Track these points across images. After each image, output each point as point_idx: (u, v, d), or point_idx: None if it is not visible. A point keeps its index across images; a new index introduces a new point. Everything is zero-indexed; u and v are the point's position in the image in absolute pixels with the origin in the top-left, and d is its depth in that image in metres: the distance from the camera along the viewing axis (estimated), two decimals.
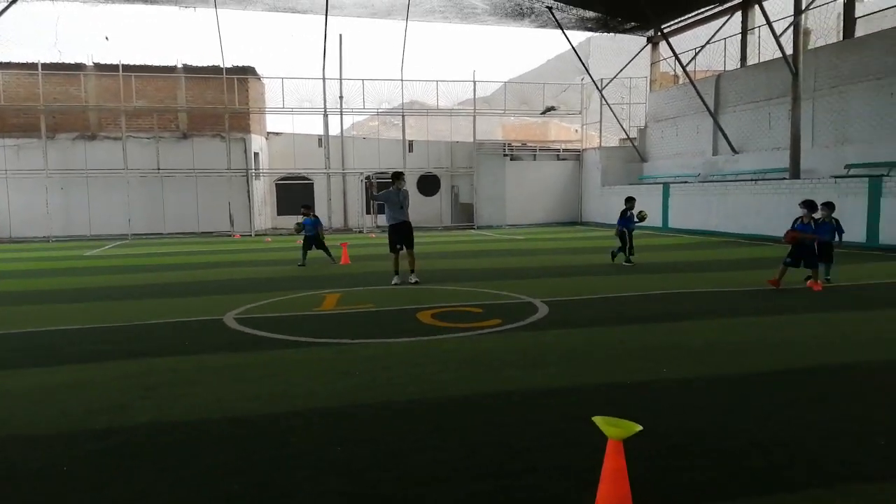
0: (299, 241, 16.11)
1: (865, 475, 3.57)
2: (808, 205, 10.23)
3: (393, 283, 11.56)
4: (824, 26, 20.74)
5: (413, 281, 11.50)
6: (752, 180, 20.85)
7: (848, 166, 18.33)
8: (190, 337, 7.40)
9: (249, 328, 7.79)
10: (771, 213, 19.31)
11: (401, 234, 11.73)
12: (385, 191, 11.83)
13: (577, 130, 39.32)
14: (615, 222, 14.52)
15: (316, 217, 15.53)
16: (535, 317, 8.14)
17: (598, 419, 3.02)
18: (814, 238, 10.16)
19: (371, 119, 34.78)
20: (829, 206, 10.74)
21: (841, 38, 20.37)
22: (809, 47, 20.26)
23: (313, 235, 15.09)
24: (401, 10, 27.87)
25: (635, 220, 14.15)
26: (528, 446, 4.03)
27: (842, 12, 20.10)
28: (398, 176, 11.79)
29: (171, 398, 5.11)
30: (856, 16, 19.76)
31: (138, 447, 4.13)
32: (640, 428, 2.95)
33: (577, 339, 6.92)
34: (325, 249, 15.24)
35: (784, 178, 19.72)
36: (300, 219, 15.51)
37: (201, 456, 3.97)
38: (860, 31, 19.82)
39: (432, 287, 11.05)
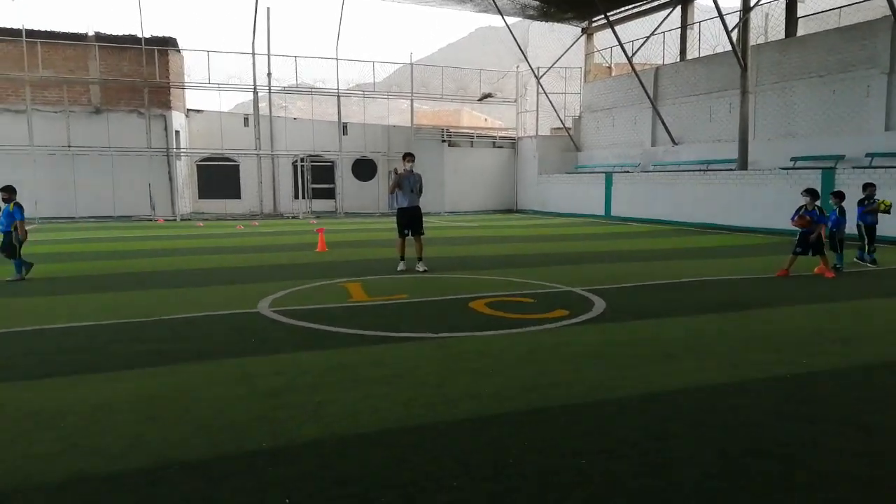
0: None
1: None
2: (812, 193, 10.52)
3: (398, 269, 10.99)
4: (765, 25, 21.71)
5: (421, 269, 10.89)
6: (700, 170, 21.59)
7: (794, 159, 19.32)
8: (246, 333, 6.53)
9: (303, 321, 7.01)
10: (721, 202, 20.07)
11: (410, 218, 11.13)
12: (398, 174, 11.14)
13: (486, 119, 39.52)
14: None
15: (18, 206, 10.30)
16: (599, 307, 7.84)
17: None
18: (819, 226, 10.43)
19: (302, 99, 33.19)
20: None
21: (782, 37, 21.40)
22: (751, 44, 21.15)
23: (5, 233, 10.27)
24: None
25: (876, 210, 11.56)
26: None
27: (783, 11, 21.08)
28: (406, 156, 11.13)
29: (310, 407, 4.37)
30: (798, 16, 20.81)
31: (358, 471, 3.44)
32: None
33: (675, 330, 6.68)
34: (14, 252, 10.22)
35: (731, 170, 20.52)
36: None
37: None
38: (801, 30, 20.91)
39: (447, 276, 10.52)
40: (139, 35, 26.26)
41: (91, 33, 26.05)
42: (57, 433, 3.95)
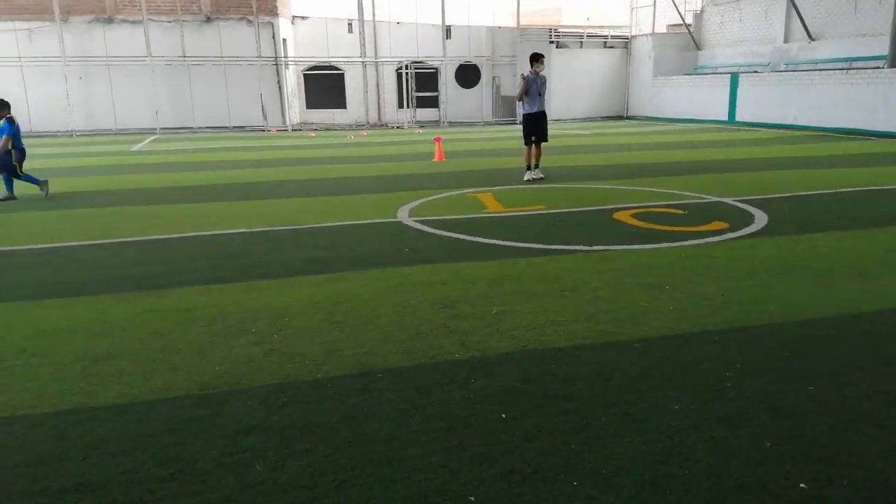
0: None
1: None
2: None
3: (525, 178, 10.71)
4: None
5: (538, 177, 10.59)
6: (842, 69, 19.56)
7: None
8: (397, 242, 6.50)
9: (448, 231, 6.89)
10: (865, 105, 18.23)
11: (537, 124, 10.68)
12: (525, 76, 10.63)
13: (588, 18, 36.95)
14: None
15: (8, 120, 9.58)
16: (761, 220, 7.28)
17: None
18: None
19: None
20: None
21: None
22: None
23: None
24: None
25: None
26: None
27: None
28: (537, 58, 10.52)
29: (490, 319, 4.25)
30: None
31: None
32: None
33: (859, 245, 6.11)
34: (11, 169, 9.69)
35: (879, 67, 18.46)
36: None
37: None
38: None
39: (578, 185, 10.12)
40: None
41: None
42: (251, 338, 4.03)
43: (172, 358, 3.74)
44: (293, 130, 26.06)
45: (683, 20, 27.57)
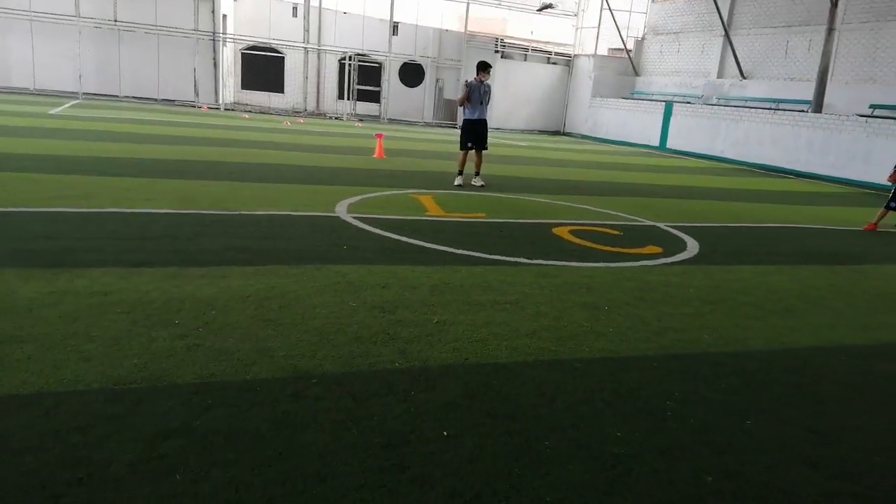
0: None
1: None
2: None
3: (455, 183, 10.63)
4: None
5: (479, 184, 10.60)
6: (770, 109, 20.54)
7: (873, 106, 18.25)
8: (335, 238, 6.27)
9: (388, 231, 6.72)
10: (789, 145, 19.20)
11: (476, 131, 10.65)
12: (469, 83, 10.58)
13: (532, 32, 37.49)
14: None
15: None
16: (692, 247, 7.46)
17: None
18: None
19: None
20: None
21: None
22: None
23: None
24: None
25: None
26: None
27: None
28: (484, 67, 10.53)
29: (432, 328, 4.12)
30: None
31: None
32: None
33: (784, 280, 6.31)
34: None
35: (804, 111, 19.50)
36: None
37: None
38: None
39: (518, 197, 10.14)
40: None
41: None
42: (173, 330, 3.74)
43: (85, 346, 3.42)
44: (226, 110, 25.20)
45: (625, 45, 28.34)
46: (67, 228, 5.77)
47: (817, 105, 18.87)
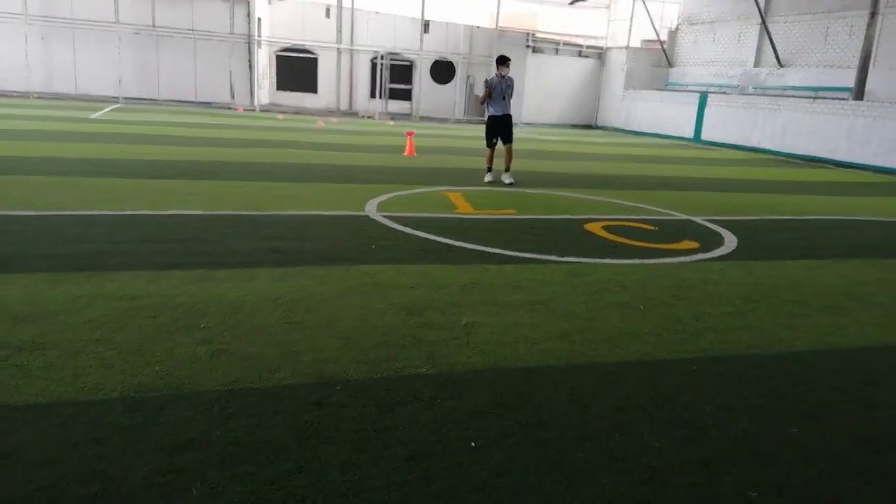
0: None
1: None
2: None
3: (486, 180, 10.49)
4: None
5: (508, 181, 10.40)
6: (808, 97, 19.90)
7: None
8: (363, 238, 6.20)
9: (417, 230, 6.62)
10: (828, 135, 18.57)
11: (500, 127, 10.51)
12: (489, 79, 10.47)
13: (563, 26, 36.99)
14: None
15: None
16: (730, 242, 7.21)
17: None
18: None
19: None
20: None
21: None
22: None
23: None
24: None
25: None
26: None
27: None
28: (503, 61, 10.37)
29: (459, 331, 4.01)
30: None
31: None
32: None
33: (828, 276, 6.04)
34: None
35: (844, 99, 18.84)
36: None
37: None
38: None
39: (549, 192, 9.96)
40: None
41: None
42: (198, 335, 3.70)
43: (108, 353, 3.39)
44: (261, 111, 25.42)
45: (658, 36, 27.80)
46: (102, 232, 5.81)
47: (858, 92, 18.20)
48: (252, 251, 5.49)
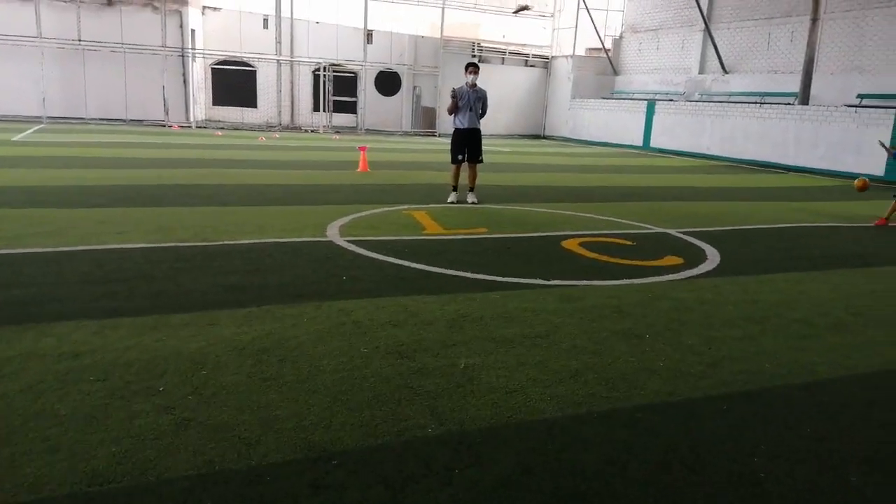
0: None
1: None
2: None
3: (449, 200, 9.71)
4: None
5: (471, 201, 9.74)
6: (755, 103, 20.27)
7: (861, 96, 18.04)
8: (331, 268, 5.66)
9: (388, 256, 6.13)
10: (777, 140, 18.91)
11: (466, 142, 9.87)
12: (455, 89, 9.89)
13: (504, 36, 37.14)
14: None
15: None
16: (713, 256, 6.97)
17: None
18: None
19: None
20: None
21: None
22: None
23: None
24: None
25: None
26: None
27: None
28: (471, 67, 9.78)
29: (459, 376, 3.55)
30: None
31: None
32: None
33: (822, 290, 5.83)
34: None
35: (791, 104, 19.24)
36: None
37: None
38: None
39: (517, 208, 9.62)
40: None
41: None
42: (159, 400, 3.13)
43: (52, 430, 2.79)
44: (198, 128, 24.44)
45: (603, 45, 28.03)
46: (34, 273, 5.11)
47: (804, 97, 18.61)
48: (208, 290, 4.89)
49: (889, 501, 2.61)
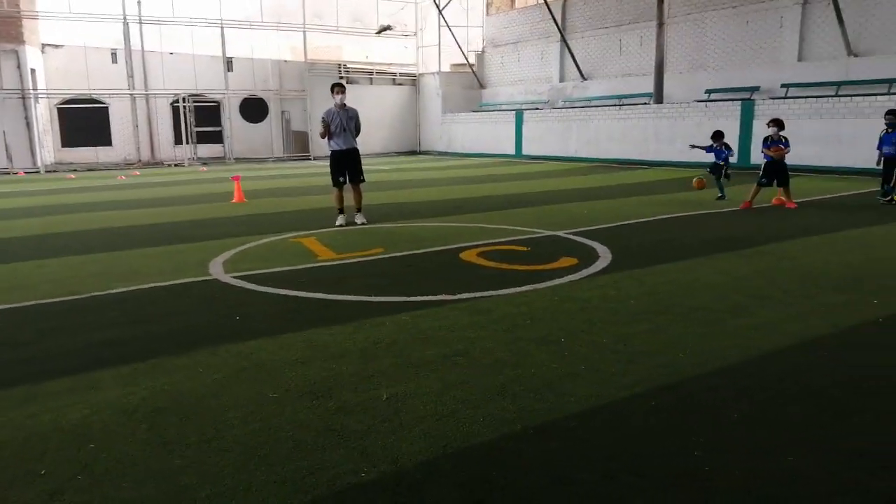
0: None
1: None
2: (778, 122, 10.43)
3: (338, 223, 9.48)
4: None
5: (360, 222, 9.56)
6: (615, 105, 21.38)
7: (709, 91, 19.47)
8: (220, 308, 5.23)
9: (281, 288, 5.77)
10: (638, 138, 20.02)
11: (345, 163, 9.64)
12: (325, 114, 9.59)
13: (367, 56, 37.36)
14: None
15: None
16: (605, 253, 7.14)
17: None
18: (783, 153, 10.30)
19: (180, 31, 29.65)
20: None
21: None
22: None
23: None
24: None
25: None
26: None
27: None
28: (337, 87, 9.52)
29: (384, 409, 3.31)
30: None
31: None
32: None
33: (711, 275, 6.08)
34: None
35: (647, 104, 20.46)
36: None
37: None
38: None
39: (408, 224, 9.49)
40: None
41: None
42: (42, 486, 2.67)
43: None
44: (47, 172, 22.51)
45: (467, 60, 28.66)
46: None
47: (658, 96, 19.86)
48: (84, 349, 4.34)
49: (820, 473, 2.64)
